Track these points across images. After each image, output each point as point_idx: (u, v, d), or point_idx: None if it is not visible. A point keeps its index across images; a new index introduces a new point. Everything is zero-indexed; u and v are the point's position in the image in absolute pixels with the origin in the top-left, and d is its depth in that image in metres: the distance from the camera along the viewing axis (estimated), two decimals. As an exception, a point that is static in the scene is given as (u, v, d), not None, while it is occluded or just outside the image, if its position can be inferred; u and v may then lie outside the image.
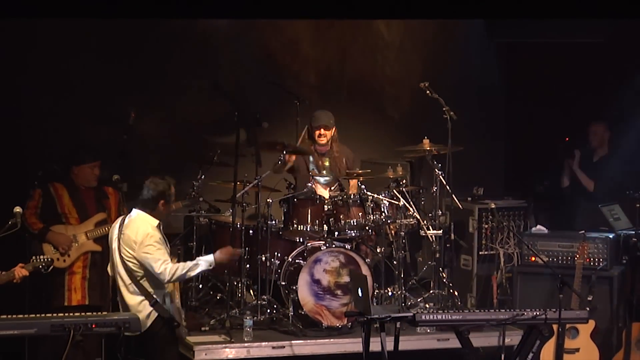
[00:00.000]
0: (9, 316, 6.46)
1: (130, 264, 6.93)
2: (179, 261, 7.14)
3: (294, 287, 8.19)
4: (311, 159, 8.88)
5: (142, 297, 6.92)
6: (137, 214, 6.94)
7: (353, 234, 8.51)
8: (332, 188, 8.81)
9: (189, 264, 6.95)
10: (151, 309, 6.86)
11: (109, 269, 7.20)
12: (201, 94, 9.25)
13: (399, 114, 10.59)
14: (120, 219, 7.16)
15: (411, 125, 10.25)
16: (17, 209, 6.94)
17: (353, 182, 8.92)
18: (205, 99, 9.23)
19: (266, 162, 8.63)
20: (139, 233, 6.84)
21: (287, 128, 9.31)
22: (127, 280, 6.95)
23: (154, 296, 6.93)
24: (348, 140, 9.29)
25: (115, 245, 7.00)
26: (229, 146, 8.27)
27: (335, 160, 8.95)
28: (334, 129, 8.89)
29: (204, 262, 7.00)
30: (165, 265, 6.82)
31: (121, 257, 6.97)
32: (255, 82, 9.80)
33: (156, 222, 6.94)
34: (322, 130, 8.79)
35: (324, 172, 8.96)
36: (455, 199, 8.71)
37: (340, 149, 8.98)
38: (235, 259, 7.56)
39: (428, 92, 8.67)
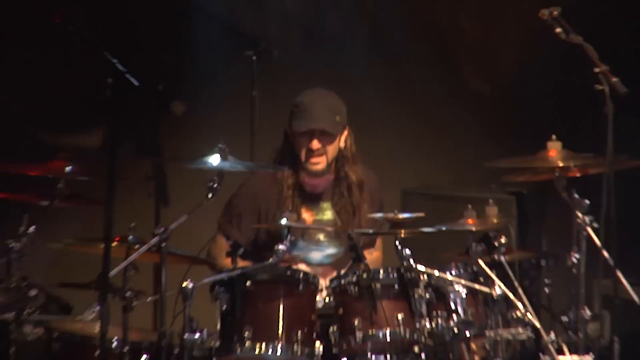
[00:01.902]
0: None
1: None
2: None
3: None
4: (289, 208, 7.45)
5: None
6: None
7: (384, 363, 7.03)
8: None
9: None
10: None
11: None
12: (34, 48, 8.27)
13: (492, 87, 9.36)
14: None
15: (519, 110, 9.13)
16: None
17: (376, 255, 7.59)
18: (45, 60, 8.32)
19: (181, 193, 8.05)
20: None
21: (232, 114, 8.34)
22: None
23: None
24: (378, 150, 8.37)
25: None
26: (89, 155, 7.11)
27: (348, 207, 7.55)
28: (343, 135, 7.36)
29: None
30: None
31: None
32: (162, 14, 8.74)
33: None
34: (314, 142, 7.35)
35: (321, 236, 7.50)
36: (623, 281, 6.93)
37: (361, 177, 7.45)
38: None
39: (559, 30, 6.45)
